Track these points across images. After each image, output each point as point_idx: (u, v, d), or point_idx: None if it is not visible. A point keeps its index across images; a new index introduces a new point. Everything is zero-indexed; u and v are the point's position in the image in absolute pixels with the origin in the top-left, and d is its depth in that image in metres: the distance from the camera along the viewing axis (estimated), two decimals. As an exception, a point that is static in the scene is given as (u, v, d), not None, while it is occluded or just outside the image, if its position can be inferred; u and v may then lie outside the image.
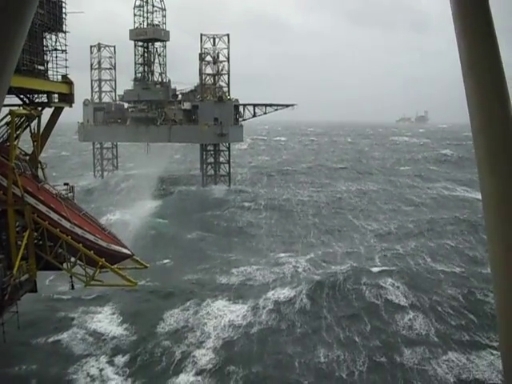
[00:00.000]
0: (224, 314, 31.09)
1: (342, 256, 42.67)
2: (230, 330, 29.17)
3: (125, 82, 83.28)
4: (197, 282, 37.17)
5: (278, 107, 77.69)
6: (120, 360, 26.26)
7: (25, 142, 27.48)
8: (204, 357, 26.31)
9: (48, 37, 27.79)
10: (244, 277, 37.85)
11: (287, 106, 78.40)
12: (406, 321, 30.17)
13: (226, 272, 38.91)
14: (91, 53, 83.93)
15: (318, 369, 25.40)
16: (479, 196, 2.02)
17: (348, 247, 45.69)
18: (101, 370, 25.28)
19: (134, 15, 79.34)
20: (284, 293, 34.17)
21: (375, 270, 37.89)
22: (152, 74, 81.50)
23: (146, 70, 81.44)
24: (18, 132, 25.43)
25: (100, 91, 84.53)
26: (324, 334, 28.81)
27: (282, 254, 43.62)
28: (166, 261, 41.76)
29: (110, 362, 26.01)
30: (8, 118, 25.01)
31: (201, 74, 77.85)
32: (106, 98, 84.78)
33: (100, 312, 31.54)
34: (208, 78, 78.04)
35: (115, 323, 30.11)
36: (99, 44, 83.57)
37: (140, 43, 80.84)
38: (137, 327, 29.79)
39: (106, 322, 30.24)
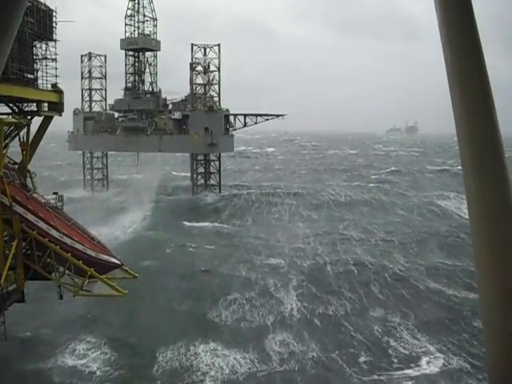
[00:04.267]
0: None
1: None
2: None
3: (115, 92, 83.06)
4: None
5: (269, 117, 77.89)
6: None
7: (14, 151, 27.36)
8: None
9: (38, 45, 27.73)
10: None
11: (277, 116, 78.61)
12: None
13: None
14: (82, 62, 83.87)
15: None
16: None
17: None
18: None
19: (125, 25, 79.61)
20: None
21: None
22: (143, 84, 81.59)
23: (136, 79, 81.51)
24: (6, 141, 25.29)
25: (90, 100, 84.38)
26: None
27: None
28: (154, 269, 41.43)
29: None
30: (-3, 127, 24.87)
31: (191, 83, 78.05)
32: (96, 108, 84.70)
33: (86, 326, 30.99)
34: (199, 87, 78.20)
35: (103, 337, 29.53)
36: (90, 53, 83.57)
37: (131, 53, 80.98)
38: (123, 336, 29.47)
39: (93, 337, 29.59)
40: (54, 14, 28.29)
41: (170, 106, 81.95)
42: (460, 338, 29.15)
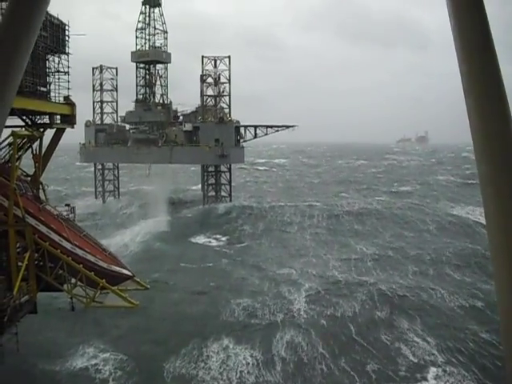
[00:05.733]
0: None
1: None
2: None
3: (126, 104, 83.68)
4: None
5: (279, 128, 77.91)
6: None
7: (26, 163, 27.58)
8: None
9: (51, 59, 28.07)
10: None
11: (287, 127, 78.58)
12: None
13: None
14: (93, 74, 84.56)
15: None
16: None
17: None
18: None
19: (136, 37, 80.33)
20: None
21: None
22: (153, 96, 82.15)
23: (147, 91, 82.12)
24: (19, 153, 25.55)
25: (102, 112, 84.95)
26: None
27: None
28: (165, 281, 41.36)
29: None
30: (10, 139, 25.16)
31: (202, 95, 78.38)
32: (107, 120, 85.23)
33: (99, 338, 30.82)
34: (209, 99, 78.53)
35: (114, 350, 29.31)
36: (101, 66, 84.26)
37: (142, 65, 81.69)
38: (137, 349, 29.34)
39: (105, 349, 29.36)
40: (66, 27, 28.66)
41: (181, 118, 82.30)
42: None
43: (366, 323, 32.86)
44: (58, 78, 28.31)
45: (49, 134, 28.36)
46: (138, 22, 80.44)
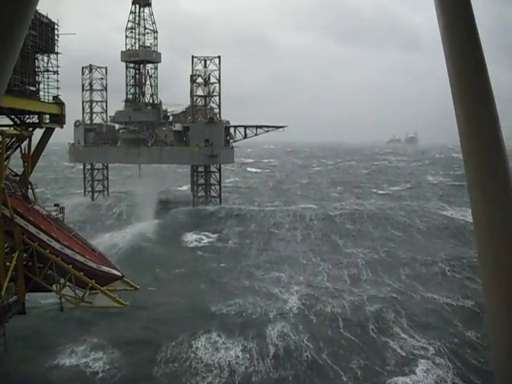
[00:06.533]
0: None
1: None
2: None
3: (116, 104, 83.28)
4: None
5: (269, 129, 78.03)
6: None
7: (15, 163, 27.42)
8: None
9: (40, 58, 27.90)
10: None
11: (277, 127, 78.77)
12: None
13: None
14: (83, 74, 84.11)
15: None
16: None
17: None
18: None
19: (126, 37, 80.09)
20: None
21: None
22: (143, 96, 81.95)
23: (137, 91, 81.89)
24: (8, 153, 25.39)
25: (91, 112, 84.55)
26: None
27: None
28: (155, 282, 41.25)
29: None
30: (-2, 139, 24.96)
31: (192, 95, 78.29)
32: (97, 119, 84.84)
33: (89, 337, 30.75)
34: (199, 99, 78.45)
35: (104, 349, 29.27)
36: (91, 65, 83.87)
37: (131, 65, 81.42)
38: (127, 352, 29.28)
39: (95, 348, 29.33)
40: (55, 26, 28.51)
41: (171, 118, 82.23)
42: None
43: (353, 324, 33.03)
44: (47, 78, 28.13)
45: (38, 133, 28.22)
46: (128, 21, 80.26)
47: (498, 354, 1.88)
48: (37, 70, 27.69)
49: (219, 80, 77.48)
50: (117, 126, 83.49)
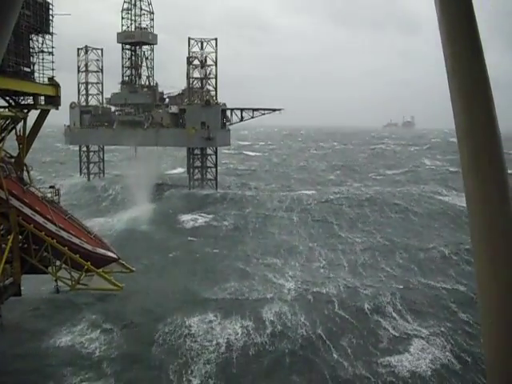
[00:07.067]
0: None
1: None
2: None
3: (112, 85, 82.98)
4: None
5: (265, 111, 77.68)
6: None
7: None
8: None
9: (34, 38, 27.63)
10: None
11: (274, 110, 78.32)
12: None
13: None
14: (78, 55, 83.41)
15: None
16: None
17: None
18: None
19: (122, 18, 79.38)
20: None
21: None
22: (139, 78, 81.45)
23: (133, 73, 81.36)
24: (3, 134, 25.29)
25: (87, 94, 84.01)
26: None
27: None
28: (152, 264, 41.32)
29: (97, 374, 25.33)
30: (-7, 120, 24.85)
31: (188, 77, 77.80)
32: (92, 101, 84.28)
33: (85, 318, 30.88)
34: (196, 81, 78.02)
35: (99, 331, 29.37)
36: (86, 47, 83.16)
37: (128, 46, 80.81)
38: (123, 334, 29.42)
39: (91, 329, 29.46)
40: (50, 6, 28.19)
41: (167, 100, 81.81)
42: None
43: (348, 306, 33.26)
44: (42, 59, 27.86)
45: (33, 115, 28.06)
46: (124, 2, 79.43)
47: (490, 348, 1.88)
48: (31, 50, 27.41)
49: (216, 62, 77.02)
50: (113, 108, 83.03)
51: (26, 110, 27.20)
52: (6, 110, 26.32)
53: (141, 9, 79.63)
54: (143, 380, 24.61)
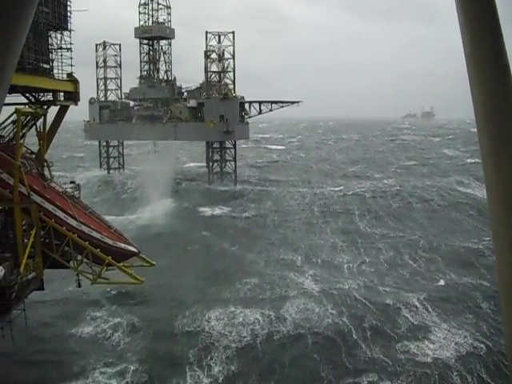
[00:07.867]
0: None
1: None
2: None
3: (130, 80, 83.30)
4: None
5: (284, 104, 77.40)
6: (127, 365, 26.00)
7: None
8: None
9: (53, 35, 27.81)
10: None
11: (292, 102, 78.05)
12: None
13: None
14: (96, 51, 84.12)
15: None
16: None
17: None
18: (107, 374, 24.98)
19: (139, 13, 79.76)
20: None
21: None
22: (157, 72, 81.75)
23: (151, 67, 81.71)
24: (23, 131, 25.52)
25: (106, 89, 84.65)
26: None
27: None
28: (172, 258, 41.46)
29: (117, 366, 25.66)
30: (14, 117, 25.07)
31: (206, 71, 77.89)
32: (111, 97, 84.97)
33: (107, 312, 31.33)
34: (213, 75, 78.05)
35: (121, 325, 29.77)
36: (104, 42, 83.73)
37: (145, 41, 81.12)
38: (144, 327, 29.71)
39: (112, 322, 29.90)
40: (68, 3, 28.35)
41: (185, 94, 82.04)
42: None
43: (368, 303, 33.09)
44: (61, 55, 28.07)
45: (52, 111, 28.29)
46: (141, -4, 79.67)
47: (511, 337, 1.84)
48: (50, 47, 27.61)
49: (233, 55, 76.99)
50: (131, 103, 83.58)
51: (45, 107, 27.42)
52: (26, 106, 26.55)
53: (158, 3, 79.84)
54: (165, 367, 24.96)
